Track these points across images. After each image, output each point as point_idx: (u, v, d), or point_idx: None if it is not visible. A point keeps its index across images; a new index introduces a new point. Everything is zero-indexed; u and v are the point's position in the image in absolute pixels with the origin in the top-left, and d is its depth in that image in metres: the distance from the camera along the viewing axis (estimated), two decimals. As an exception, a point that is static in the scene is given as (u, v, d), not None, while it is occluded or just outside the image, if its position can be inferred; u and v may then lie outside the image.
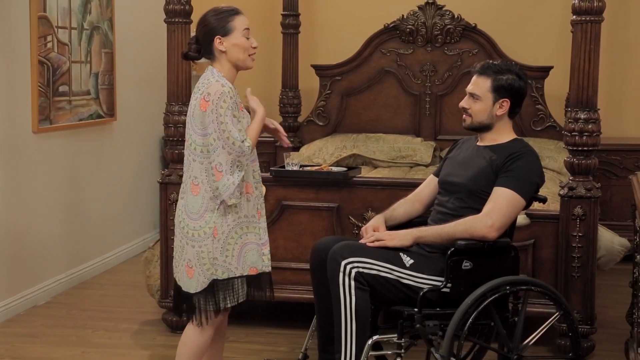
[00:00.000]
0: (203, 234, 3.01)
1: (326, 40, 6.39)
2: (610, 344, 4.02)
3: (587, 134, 3.79)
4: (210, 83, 2.98)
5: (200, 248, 3.01)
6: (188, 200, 3.04)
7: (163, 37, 4.24)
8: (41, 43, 4.72)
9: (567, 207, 3.83)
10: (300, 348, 3.46)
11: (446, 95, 5.87)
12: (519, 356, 3.07)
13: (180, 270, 3.09)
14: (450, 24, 5.82)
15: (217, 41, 3.04)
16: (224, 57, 3.06)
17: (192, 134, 3.00)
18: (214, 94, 2.94)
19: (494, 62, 3.28)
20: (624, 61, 6.10)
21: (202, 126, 2.96)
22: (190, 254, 3.03)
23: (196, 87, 3.05)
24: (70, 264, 5.14)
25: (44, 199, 4.84)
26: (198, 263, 3.02)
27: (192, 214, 3.02)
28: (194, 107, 2.99)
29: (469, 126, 3.26)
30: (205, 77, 3.04)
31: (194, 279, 3.04)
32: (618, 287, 4.76)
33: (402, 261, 3.08)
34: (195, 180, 3.01)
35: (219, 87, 2.96)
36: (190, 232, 3.03)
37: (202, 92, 2.97)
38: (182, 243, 3.06)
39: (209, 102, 2.94)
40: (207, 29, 3.06)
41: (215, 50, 3.06)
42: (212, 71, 3.05)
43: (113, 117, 5.59)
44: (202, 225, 3.01)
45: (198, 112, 2.97)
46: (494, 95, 3.18)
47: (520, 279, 3.13)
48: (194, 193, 3.02)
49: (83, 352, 4.03)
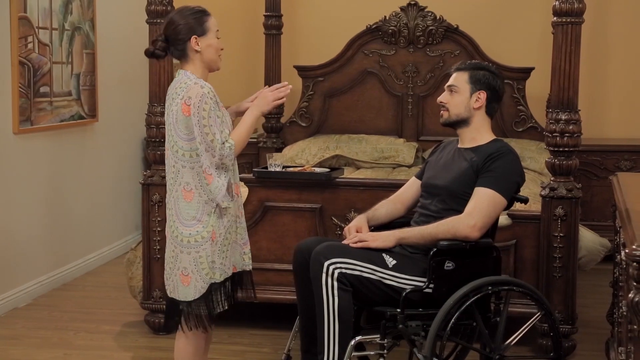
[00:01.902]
0: (201, 238, 2.98)
1: (309, 41, 6.40)
2: (591, 343, 4.05)
3: (568, 135, 3.81)
4: (189, 86, 2.94)
5: (198, 253, 2.98)
6: (181, 208, 2.99)
7: (145, 37, 4.23)
8: (22, 44, 4.69)
9: (548, 207, 3.86)
10: (283, 349, 3.46)
11: (428, 96, 5.89)
12: (500, 356, 3.09)
13: (174, 281, 3.04)
14: (432, 25, 5.84)
15: (193, 41, 2.99)
16: (197, 58, 3.02)
17: (178, 140, 2.96)
18: (195, 97, 2.91)
19: (470, 61, 3.40)
20: (605, 62, 6.15)
21: (187, 131, 2.94)
22: (186, 261, 2.99)
23: (172, 92, 3.00)
24: (52, 266, 5.11)
25: (25, 200, 4.82)
26: (196, 269, 2.99)
27: (187, 221, 2.98)
28: (176, 112, 2.95)
29: (446, 121, 3.29)
30: (181, 81, 2.98)
31: (191, 286, 3.00)
32: (599, 287, 4.79)
33: (384, 262, 3.09)
34: (187, 187, 2.98)
35: (198, 90, 2.92)
36: (185, 239, 2.99)
37: (182, 97, 2.93)
38: (175, 252, 3.02)
39: (190, 105, 2.91)
40: (184, 28, 2.99)
41: (190, 50, 3.01)
42: (186, 74, 3.00)
43: (95, 118, 5.56)
44: (199, 231, 2.98)
45: (182, 118, 2.93)
46: (471, 87, 3.23)
47: (502, 279, 3.14)
48: (187, 200, 2.98)
49: (65, 354, 4.01)
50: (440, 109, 3.31)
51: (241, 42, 6.49)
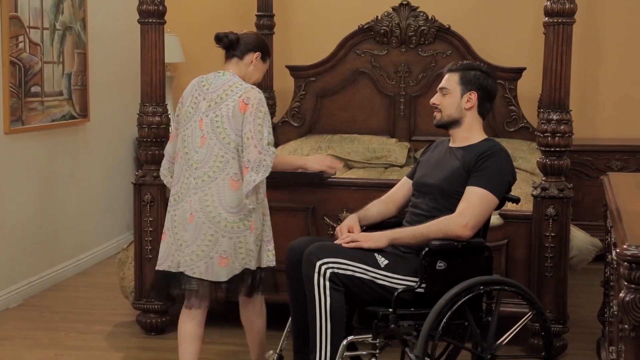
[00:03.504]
0: (243, 226, 3.25)
1: (301, 41, 6.39)
2: (583, 343, 4.06)
3: (560, 135, 3.82)
4: (247, 89, 3.29)
5: (238, 239, 3.25)
6: (225, 195, 3.23)
7: (136, 37, 4.22)
8: (12, 43, 4.68)
9: (539, 207, 3.86)
10: (275, 349, 3.46)
11: (420, 96, 5.90)
12: (492, 355, 3.09)
13: (208, 262, 3.23)
14: (424, 25, 5.84)
15: (254, 55, 3.41)
16: (244, 68, 3.41)
17: (231, 133, 3.25)
18: (254, 99, 3.26)
19: (463, 62, 3.39)
20: (596, 63, 6.16)
21: (239, 126, 3.24)
22: (226, 245, 3.24)
23: (223, 88, 3.30)
24: (43, 266, 5.09)
25: (16, 200, 4.80)
26: (234, 253, 3.25)
27: (231, 208, 3.23)
28: (233, 108, 3.25)
29: (438, 122, 3.30)
30: (235, 82, 3.32)
31: (227, 268, 3.25)
32: (590, 286, 4.81)
33: (376, 262, 3.09)
34: (235, 177, 3.25)
35: (257, 93, 3.29)
36: (228, 225, 3.23)
37: (240, 96, 3.26)
38: (215, 236, 3.23)
39: (248, 105, 3.24)
40: (257, 41, 3.44)
41: (246, 58, 3.41)
42: (235, 76, 3.35)
43: (86, 118, 5.55)
44: (241, 219, 3.24)
45: (238, 114, 3.24)
46: (462, 88, 3.24)
47: (494, 279, 3.15)
48: (232, 189, 3.24)
49: (56, 354, 4.00)
50: (433, 110, 3.32)
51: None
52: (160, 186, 4.17)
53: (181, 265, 3.27)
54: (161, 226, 4.16)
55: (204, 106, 3.31)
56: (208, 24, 6.59)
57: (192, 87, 3.39)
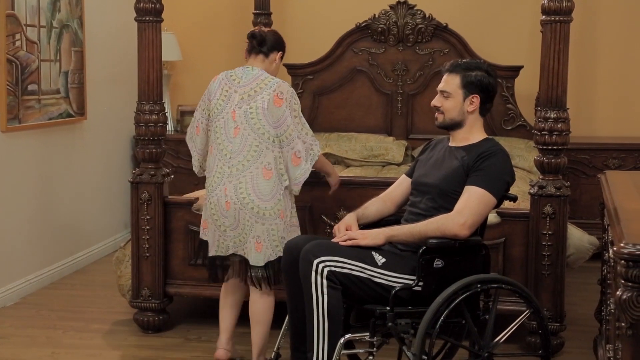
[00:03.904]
0: (273, 214, 3.49)
1: (298, 39, 6.38)
2: (580, 341, 4.07)
3: (557, 133, 3.82)
4: (279, 83, 3.54)
5: (270, 226, 3.49)
6: (259, 184, 3.47)
7: (134, 35, 4.21)
8: (9, 41, 4.67)
9: (537, 205, 3.87)
10: (272, 347, 3.46)
11: (418, 94, 5.90)
12: (489, 354, 3.09)
13: (248, 246, 3.51)
14: (421, 23, 5.84)
15: (278, 55, 3.68)
16: (268, 65, 3.64)
17: (266, 124, 3.48)
18: (287, 93, 3.52)
19: (463, 60, 3.34)
20: (593, 61, 6.17)
21: (274, 119, 3.48)
22: (260, 230, 3.48)
23: (255, 82, 3.53)
24: (40, 264, 5.09)
25: (13, 199, 4.80)
26: (267, 239, 3.49)
27: (264, 196, 3.48)
28: (268, 101, 3.48)
29: (441, 124, 3.29)
30: (265, 77, 3.56)
31: (262, 253, 3.50)
32: (587, 284, 4.82)
33: (374, 260, 3.09)
34: (268, 166, 3.48)
35: (288, 87, 3.55)
36: (261, 211, 3.47)
37: (274, 90, 3.50)
38: (251, 221, 3.48)
39: (282, 99, 3.49)
40: (281, 41, 3.71)
41: (271, 57, 3.65)
42: (263, 72, 3.58)
43: (83, 116, 5.54)
44: (272, 206, 3.48)
45: (273, 107, 3.48)
46: (464, 92, 3.21)
47: (491, 277, 3.15)
48: (266, 177, 3.48)
49: (53, 352, 4.00)
50: (435, 111, 3.29)
51: (230, 40, 6.47)
52: (158, 184, 4.17)
53: (230, 248, 3.55)
54: (158, 224, 4.18)
55: (236, 98, 3.54)
56: (205, 22, 6.59)
57: (219, 81, 3.61)
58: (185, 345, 4.09)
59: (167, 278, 4.25)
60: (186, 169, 5.62)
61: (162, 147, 4.26)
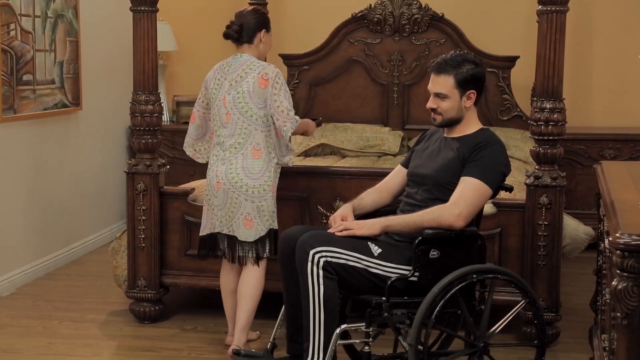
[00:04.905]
0: (263, 190, 3.63)
1: (294, 30, 6.38)
2: (575, 331, 4.08)
3: (553, 124, 3.82)
4: (264, 65, 3.66)
5: (260, 203, 3.63)
6: (248, 163, 3.63)
7: (129, 25, 4.20)
8: (4, 31, 4.65)
9: (532, 196, 3.87)
10: (269, 337, 3.47)
11: (414, 84, 5.90)
12: (485, 344, 3.10)
13: (236, 223, 3.64)
14: (417, 13, 5.83)
15: (261, 34, 3.74)
16: (255, 50, 3.73)
17: (253, 107, 3.63)
18: (272, 73, 3.64)
19: (447, 56, 3.24)
20: (589, 51, 6.17)
21: (260, 100, 3.63)
22: (250, 208, 3.63)
23: (242, 68, 3.65)
24: (36, 255, 5.08)
25: (9, 189, 4.79)
26: (258, 215, 3.64)
27: (253, 174, 3.63)
28: (253, 84, 3.63)
29: (440, 124, 3.26)
30: (251, 61, 3.68)
31: (253, 230, 3.64)
32: (583, 275, 4.83)
33: (370, 250, 3.09)
34: (257, 146, 3.64)
35: (273, 68, 3.67)
36: (250, 190, 3.62)
37: (259, 72, 3.64)
38: (239, 200, 3.63)
39: (267, 80, 3.62)
40: (258, 20, 3.75)
41: (256, 40, 3.73)
42: (251, 57, 3.70)
43: (78, 107, 5.53)
44: (261, 184, 3.63)
45: (258, 89, 3.63)
46: (460, 90, 3.19)
47: (487, 268, 3.15)
48: (255, 157, 3.64)
49: (49, 342, 4.00)
50: (431, 112, 3.26)
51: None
52: (153, 175, 4.17)
53: (216, 227, 3.69)
54: (154, 215, 4.18)
55: (226, 85, 3.70)
56: (201, 12, 6.57)
57: (214, 71, 3.78)
58: (181, 336, 4.09)
59: (163, 268, 4.25)
60: (182, 159, 5.62)
61: (158, 137, 4.25)
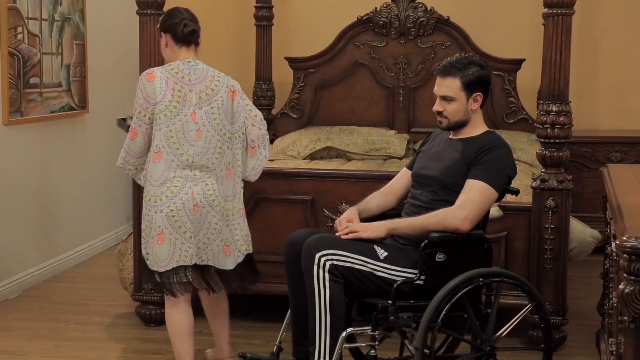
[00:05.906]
0: (236, 213, 3.42)
1: (299, 33, 6.38)
2: (582, 334, 4.07)
3: (559, 127, 3.82)
4: (226, 77, 3.42)
5: (233, 226, 3.40)
6: (223, 185, 3.36)
7: (135, 28, 4.20)
8: (11, 34, 4.66)
9: (539, 199, 3.86)
10: (274, 341, 3.46)
11: (419, 87, 5.89)
12: (491, 347, 3.09)
13: (215, 250, 3.36)
14: (423, 16, 5.83)
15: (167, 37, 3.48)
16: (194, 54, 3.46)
17: (226, 123, 3.37)
18: (236, 84, 3.43)
19: (453, 59, 3.23)
20: (595, 54, 6.15)
21: (231, 114, 3.39)
22: (226, 232, 3.38)
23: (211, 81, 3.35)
24: (43, 257, 5.10)
25: (16, 191, 4.80)
26: (232, 241, 3.41)
27: (227, 196, 3.38)
28: (225, 100, 3.36)
29: (446, 127, 3.26)
30: (215, 72, 3.40)
31: (231, 257, 3.41)
32: (589, 278, 4.81)
33: (376, 254, 3.09)
34: (228, 166, 3.39)
35: (231, 78, 3.44)
36: (226, 213, 3.37)
37: (227, 86, 3.39)
38: (220, 225, 3.36)
39: (235, 92, 3.41)
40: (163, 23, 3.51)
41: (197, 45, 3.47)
42: (208, 66, 3.40)
43: (85, 110, 5.54)
44: (234, 206, 3.41)
45: (229, 103, 3.38)
46: (466, 93, 3.18)
47: (493, 271, 3.15)
48: (227, 178, 3.38)
49: (55, 345, 4.01)
50: (437, 115, 3.25)
51: (232, 33, 6.47)
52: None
53: (194, 257, 3.32)
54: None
55: (194, 99, 3.31)
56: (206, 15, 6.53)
57: (163, 81, 3.28)
58: (187, 339, 4.09)
59: (169, 271, 4.24)
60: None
61: (164, 140, 4.24)
